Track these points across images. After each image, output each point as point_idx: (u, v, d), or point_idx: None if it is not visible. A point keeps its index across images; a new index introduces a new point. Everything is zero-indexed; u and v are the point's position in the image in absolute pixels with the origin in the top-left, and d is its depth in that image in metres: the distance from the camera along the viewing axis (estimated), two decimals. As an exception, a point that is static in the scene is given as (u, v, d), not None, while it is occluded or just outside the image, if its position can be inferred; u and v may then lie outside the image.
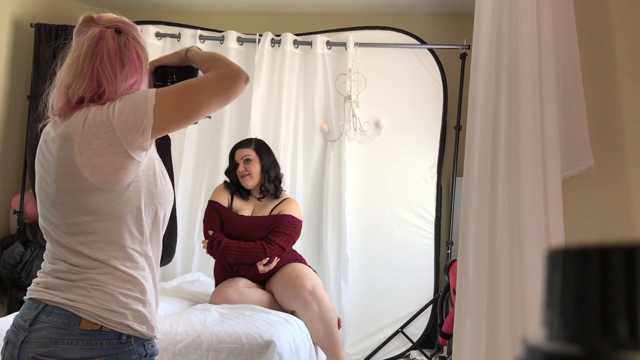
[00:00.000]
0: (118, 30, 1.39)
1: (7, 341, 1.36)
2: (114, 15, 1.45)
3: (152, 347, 1.39)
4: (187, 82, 1.42)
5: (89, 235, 1.32)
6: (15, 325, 1.36)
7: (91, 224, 1.32)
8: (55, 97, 1.39)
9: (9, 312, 3.45)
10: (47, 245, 1.40)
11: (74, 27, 1.48)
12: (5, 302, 3.77)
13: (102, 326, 1.30)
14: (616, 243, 0.35)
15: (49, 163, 1.36)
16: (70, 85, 1.36)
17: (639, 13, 1.88)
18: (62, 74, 1.39)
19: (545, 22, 1.68)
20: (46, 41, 3.80)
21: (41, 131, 1.44)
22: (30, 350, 1.29)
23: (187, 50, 1.56)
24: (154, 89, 1.38)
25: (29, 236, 3.72)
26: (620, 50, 1.87)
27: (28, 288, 1.41)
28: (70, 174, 1.31)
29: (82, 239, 1.33)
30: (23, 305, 1.39)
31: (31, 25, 3.84)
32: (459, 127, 3.86)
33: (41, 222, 1.41)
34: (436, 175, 3.95)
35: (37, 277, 1.41)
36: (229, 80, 1.39)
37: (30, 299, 1.37)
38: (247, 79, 1.43)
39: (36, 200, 1.47)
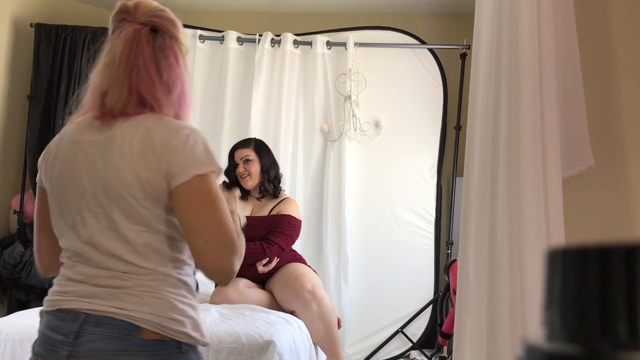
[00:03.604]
0: (154, 29, 1.30)
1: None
2: (153, 5, 1.33)
3: (200, 353, 1.32)
4: (227, 220, 1.25)
5: (139, 245, 1.25)
6: (48, 341, 1.24)
7: (141, 233, 1.24)
8: (89, 100, 1.30)
9: (9, 312, 3.45)
10: (72, 251, 1.29)
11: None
12: (5, 302, 3.77)
13: (164, 336, 1.22)
14: (616, 243, 0.35)
15: (95, 166, 1.26)
16: (106, 93, 1.27)
17: (639, 13, 1.88)
18: (96, 77, 1.30)
19: (546, 22, 1.68)
20: (46, 41, 3.80)
21: (51, 131, 1.37)
22: None
23: None
24: (221, 187, 1.28)
25: (29, 236, 3.72)
26: (620, 50, 1.87)
27: (48, 299, 1.30)
28: (124, 181, 1.23)
29: (131, 248, 1.25)
30: (48, 318, 1.28)
31: (31, 25, 3.84)
32: (459, 127, 3.86)
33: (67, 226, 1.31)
34: (436, 175, 3.95)
35: (57, 285, 1.31)
36: (231, 262, 1.24)
37: (61, 310, 1.25)
38: (228, 276, 1.28)
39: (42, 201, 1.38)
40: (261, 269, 2.88)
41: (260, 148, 3.07)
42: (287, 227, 2.93)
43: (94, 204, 1.26)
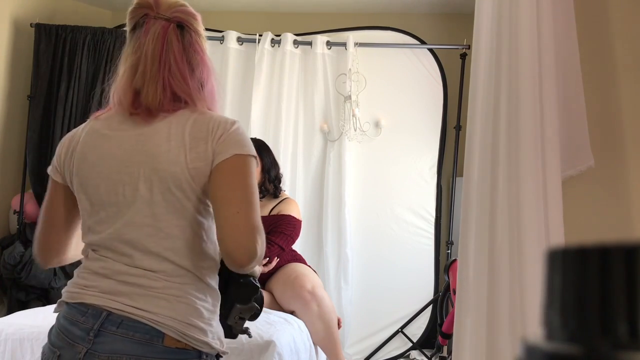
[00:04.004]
0: (180, 26, 1.30)
1: (55, 352, 1.22)
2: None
3: None
4: (255, 202, 1.24)
5: (178, 242, 1.23)
6: (67, 335, 1.21)
7: (183, 229, 1.23)
8: (119, 96, 1.29)
9: (8, 312, 3.45)
10: (100, 246, 1.26)
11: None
12: (5, 302, 3.77)
13: (186, 344, 1.20)
14: (616, 243, 0.35)
15: (136, 159, 1.24)
16: (139, 91, 1.27)
17: (639, 13, 1.88)
18: (125, 74, 1.28)
19: (546, 23, 1.68)
20: (46, 41, 3.79)
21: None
22: None
23: None
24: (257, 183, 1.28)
25: (29, 236, 3.72)
26: (620, 50, 1.87)
27: (68, 290, 1.26)
28: (174, 173, 1.22)
29: (171, 244, 1.22)
30: (68, 310, 1.24)
31: (31, 25, 3.83)
32: (459, 127, 3.86)
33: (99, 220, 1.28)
34: (436, 175, 3.95)
35: (78, 277, 1.27)
36: (255, 240, 1.21)
37: (83, 303, 1.22)
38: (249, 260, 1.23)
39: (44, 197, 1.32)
40: (261, 269, 2.88)
41: (261, 148, 3.07)
42: (287, 227, 2.93)
43: (132, 199, 1.23)
